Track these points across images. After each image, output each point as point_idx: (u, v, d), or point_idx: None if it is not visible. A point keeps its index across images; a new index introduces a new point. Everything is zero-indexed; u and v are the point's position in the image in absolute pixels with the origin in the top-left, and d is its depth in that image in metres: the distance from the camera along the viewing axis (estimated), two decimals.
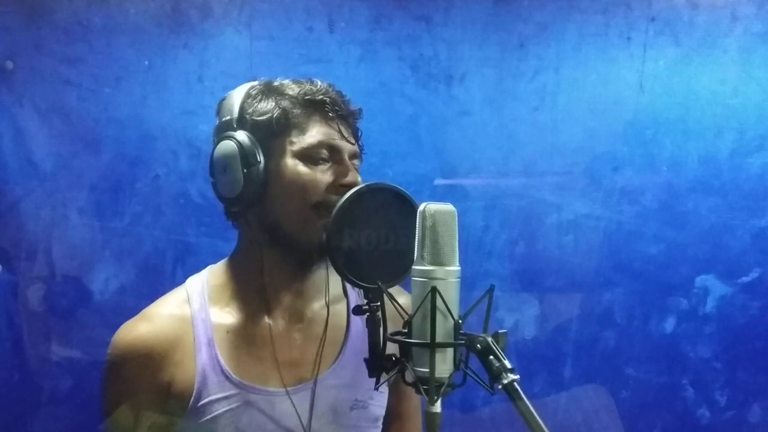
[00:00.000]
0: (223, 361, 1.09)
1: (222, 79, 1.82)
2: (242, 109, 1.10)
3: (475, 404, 1.86)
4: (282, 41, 1.82)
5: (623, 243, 1.82)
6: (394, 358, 0.93)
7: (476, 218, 1.84)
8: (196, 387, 1.07)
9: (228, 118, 1.10)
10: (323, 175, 1.08)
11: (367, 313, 0.99)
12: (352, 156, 1.12)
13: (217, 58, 1.82)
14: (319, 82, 1.13)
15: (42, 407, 1.90)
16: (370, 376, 0.96)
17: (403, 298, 1.05)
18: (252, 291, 1.14)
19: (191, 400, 1.07)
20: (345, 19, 1.81)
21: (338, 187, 1.06)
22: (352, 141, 1.12)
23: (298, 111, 1.09)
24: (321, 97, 1.09)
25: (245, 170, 1.06)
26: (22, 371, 1.89)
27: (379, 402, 1.19)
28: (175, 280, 1.84)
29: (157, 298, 1.69)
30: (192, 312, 1.12)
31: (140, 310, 1.84)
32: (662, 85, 1.79)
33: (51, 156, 1.86)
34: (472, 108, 1.83)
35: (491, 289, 0.88)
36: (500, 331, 0.86)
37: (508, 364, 0.82)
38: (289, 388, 1.10)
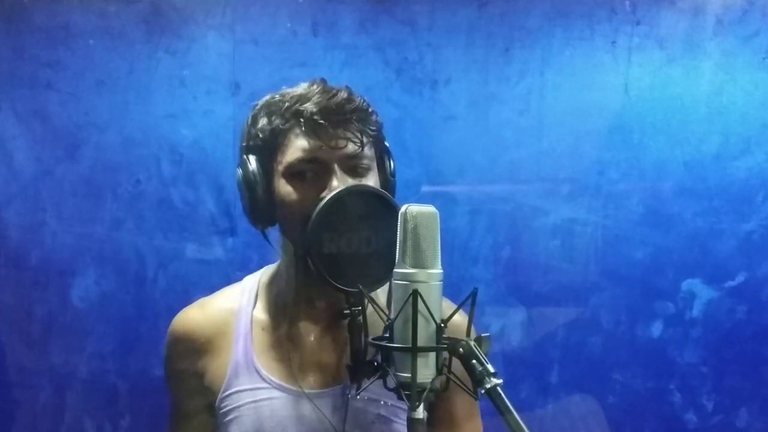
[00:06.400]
0: (254, 355, 1.12)
1: (205, 83, 1.81)
2: (249, 132, 1.11)
3: None
4: (266, 45, 1.80)
5: (609, 247, 1.82)
6: (376, 364, 0.91)
7: (462, 223, 1.82)
8: (227, 377, 1.12)
9: (242, 143, 1.13)
10: (309, 190, 1.05)
11: (348, 318, 0.98)
12: (349, 158, 1.06)
13: (199, 62, 1.81)
14: (308, 87, 1.09)
15: (21, 416, 1.87)
16: (352, 381, 0.94)
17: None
18: (289, 294, 1.15)
19: (222, 388, 1.12)
20: (329, 23, 1.80)
21: (320, 201, 1.02)
22: (341, 145, 1.04)
23: (285, 127, 1.06)
24: (299, 107, 1.05)
25: (250, 197, 1.08)
26: (1, 379, 1.86)
27: (404, 420, 1.15)
28: (157, 286, 1.84)
29: (138, 304, 1.68)
30: (240, 305, 1.17)
31: (122, 317, 1.84)
32: (647, 89, 1.78)
33: (31, 161, 1.84)
34: (458, 112, 1.82)
35: (474, 292, 0.87)
36: (483, 335, 0.85)
37: (491, 368, 0.81)
38: (313, 391, 1.11)
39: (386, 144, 1.16)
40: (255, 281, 1.21)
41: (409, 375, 0.84)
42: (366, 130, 1.08)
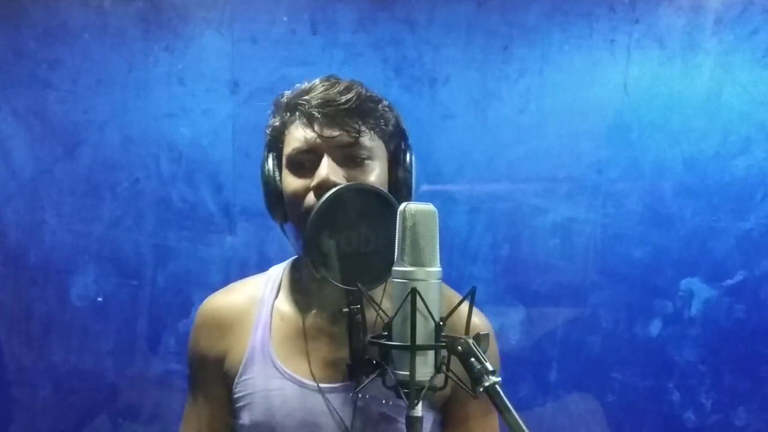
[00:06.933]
0: (271, 345, 1.13)
1: (203, 82, 1.81)
2: (266, 130, 1.14)
3: None
4: (264, 43, 1.80)
5: (608, 246, 1.82)
6: (374, 362, 0.91)
7: (461, 222, 1.82)
8: (243, 363, 1.13)
9: (266, 138, 1.15)
10: (308, 181, 1.06)
11: (347, 316, 0.97)
12: (341, 148, 1.06)
13: (198, 61, 1.81)
14: (312, 81, 1.11)
15: (20, 414, 1.87)
16: (350, 379, 0.94)
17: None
18: (310, 287, 1.16)
19: (238, 373, 1.13)
20: (328, 21, 1.80)
21: (315, 191, 1.04)
22: (334, 134, 1.05)
23: (287, 120, 1.09)
24: (297, 100, 1.08)
25: (266, 190, 1.12)
26: (1, 377, 1.86)
27: None
28: (155, 285, 1.84)
29: (137, 303, 1.68)
30: (263, 294, 1.18)
31: (121, 315, 1.84)
32: (646, 87, 1.78)
33: (30, 160, 1.84)
34: (457, 111, 1.82)
35: (472, 291, 0.87)
36: (482, 333, 0.85)
37: (489, 366, 0.81)
38: (324, 385, 1.11)
39: (405, 139, 1.16)
40: (280, 271, 1.22)
41: (408, 373, 0.83)
42: (368, 121, 1.08)
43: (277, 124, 1.11)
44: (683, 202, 1.79)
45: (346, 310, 1.00)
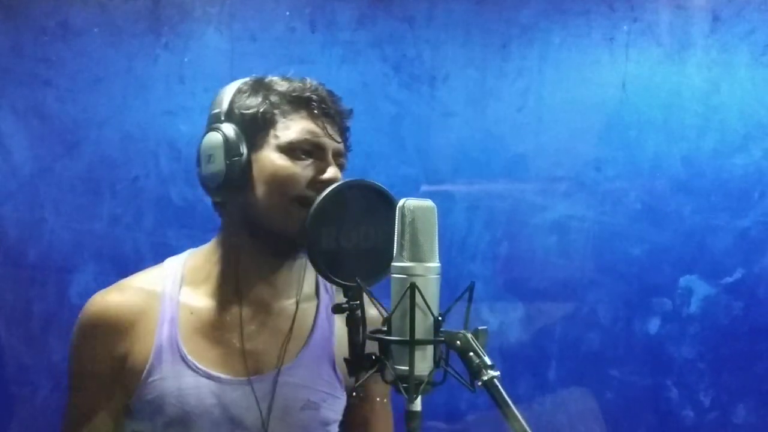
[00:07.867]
0: (181, 341, 1.08)
1: (203, 80, 1.81)
2: (231, 102, 1.10)
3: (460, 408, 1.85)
4: (264, 42, 1.80)
5: (607, 244, 1.82)
6: (374, 357, 0.91)
7: (460, 219, 1.83)
8: (149, 363, 1.07)
9: (217, 110, 1.12)
10: (304, 170, 1.07)
11: (347, 312, 0.98)
12: (337, 154, 1.11)
13: (198, 59, 1.81)
14: (309, 80, 1.13)
15: (19, 413, 1.87)
16: (350, 375, 0.94)
17: None
18: (224, 277, 1.13)
19: (143, 375, 1.07)
20: (327, 20, 1.80)
21: (317, 183, 1.05)
22: (338, 140, 1.10)
23: (285, 107, 1.09)
24: (308, 94, 1.09)
25: (228, 161, 1.06)
26: (0, 376, 1.86)
27: (332, 406, 1.16)
28: None
29: None
30: (163, 289, 1.12)
31: None
32: (645, 85, 1.79)
33: (29, 158, 1.84)
34: (456, 109, 1.83)
35: (471, 286, 0.87)
36: (480, 328, 0.85)
37: (488, 360, 0.81)
38: (243, 378, 1.09)
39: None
40: (179, 264, 1.16)
41: (407, 368, 0.84)
42: (347, 137, 1.14)
43: (266, 104, 1.08)
44: (681, 200, 1.80)
45: (345, 305, 1.00)
